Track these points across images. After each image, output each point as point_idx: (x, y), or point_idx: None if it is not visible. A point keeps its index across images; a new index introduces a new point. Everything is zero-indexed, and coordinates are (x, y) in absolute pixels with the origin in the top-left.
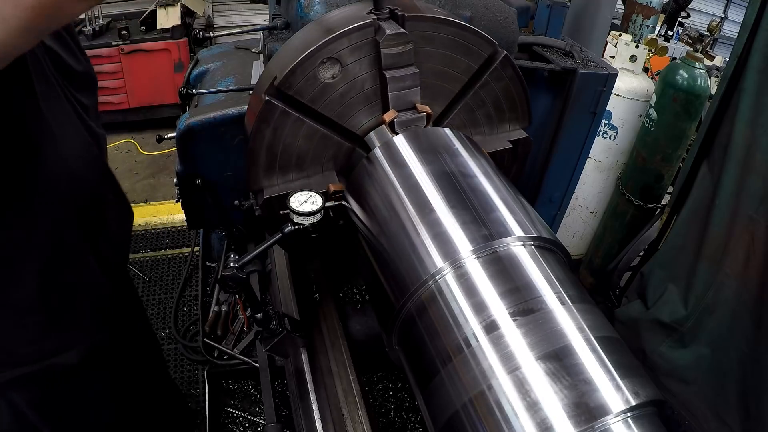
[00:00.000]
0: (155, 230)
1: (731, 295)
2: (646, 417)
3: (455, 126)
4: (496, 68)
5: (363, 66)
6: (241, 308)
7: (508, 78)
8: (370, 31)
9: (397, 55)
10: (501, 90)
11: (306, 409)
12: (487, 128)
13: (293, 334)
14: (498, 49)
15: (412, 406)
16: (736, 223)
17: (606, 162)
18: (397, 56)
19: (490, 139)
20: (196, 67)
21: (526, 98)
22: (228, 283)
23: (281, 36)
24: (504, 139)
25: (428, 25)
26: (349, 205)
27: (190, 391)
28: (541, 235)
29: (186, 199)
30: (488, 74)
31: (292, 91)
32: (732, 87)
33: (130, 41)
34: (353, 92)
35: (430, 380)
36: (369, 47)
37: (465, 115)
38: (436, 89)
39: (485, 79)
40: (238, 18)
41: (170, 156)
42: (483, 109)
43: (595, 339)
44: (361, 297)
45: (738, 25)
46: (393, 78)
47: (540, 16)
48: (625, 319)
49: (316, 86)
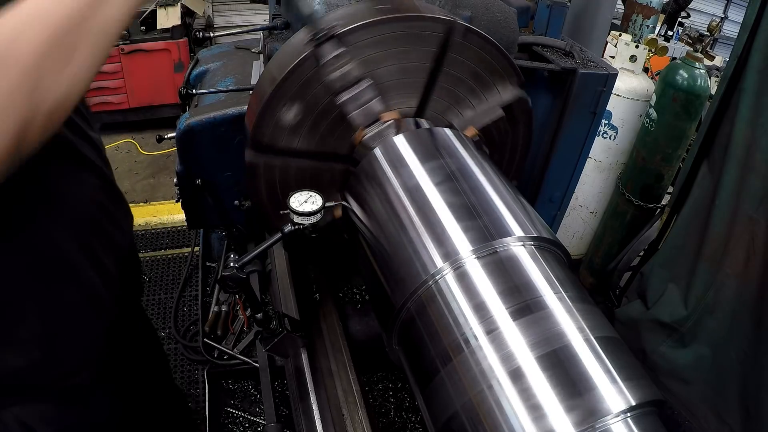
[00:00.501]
0: (155, 230)
1: (731, 295)
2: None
3: (440, 110)
4: (456, 42)
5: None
6: (241, 308)
7: (475, 45)
8: (311, 64)
9: (344, 76)
10: (472, 59)
11: (306, 409)
12: (475, 101)
13: (293, 334)
14: (452, 23)
15: (412, 406)
16: (736, 223)
17: (606, 162)
18: (344, 76)
19: (481, 111)
20: (196, 67)
21: (503, 55)
22: (228, 283)
23: (281, 36)
24: (496, 106)
25: (368, 32)
26: (349, 205)
27: (190, 391)
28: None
29: (186, 199)
30: (450, 51)
31: (266, 140)
32: (732, 87)
33: (130, 41)
34: (323, 122)
35: (430, 380)
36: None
37: (446, 97)
38: (404, 86)
39: (449, 57)
40: (238, 18)
41: (170, 156)
42: (462, 84)
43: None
44: (361, 297)
45: (738, 25)
46: (346, 100)
47: (540, 16)
48: (625, 319)
49: (285, 129)
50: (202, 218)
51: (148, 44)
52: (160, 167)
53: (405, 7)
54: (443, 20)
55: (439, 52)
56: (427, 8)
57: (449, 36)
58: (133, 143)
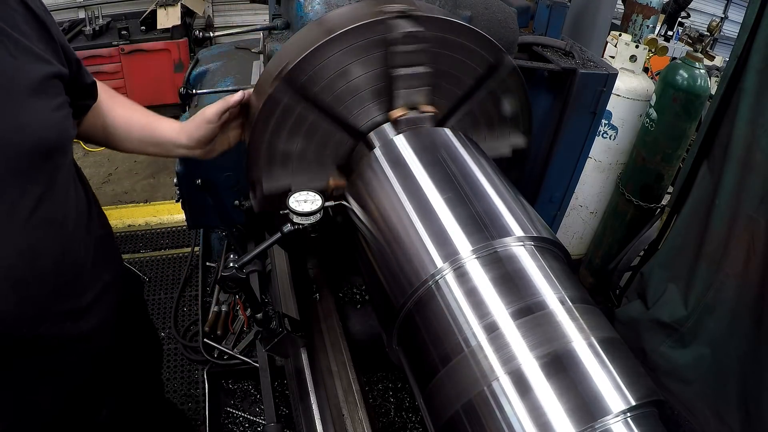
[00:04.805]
0: (155, 230)
1: (731, 294)
2: (646, 417)
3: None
4: (501, 75)
5: (371, 63)
6: (241, 308)
7: (513, 87)
8: (382, 28)
9: (409, 54)
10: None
11: (306, 409)
12: (488, 133)
13: (293, 334)
14: (505, 56)
15: (412, 406)
16: (736, 222)
17: (606, 162)
18: (409, 55)
19: (489, 144)
20: (196, 67)
21: (529, 110)
22: (228, 283)
23: (281, 36)
24: (505, 145)
25: (442, 27)
26: (349, 205)
27: (190, 391)
28: (541, 235)
29: (186, 199)
30: (493, 80)
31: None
32: (732, 87)
33: (130, 41)
34: (359, 89)
35: (430, 380)
36: (378, 44)
37: (467, 118)
38: (442, 90)
39: (490, 85)
40: (238, 18)
41: None
42: (485, 114)
43: (595, 339)
44: (361, 297)
45: (738, 25)
46: (401, 76)
47: (540, 16)
48: (625, 319)
49: (325, 78)
50: (202, 218)
51: (148, 44)
52: (160, 167)
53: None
54: (500, 49)
55: (484, 75)
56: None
57: (499, 64)
58: None
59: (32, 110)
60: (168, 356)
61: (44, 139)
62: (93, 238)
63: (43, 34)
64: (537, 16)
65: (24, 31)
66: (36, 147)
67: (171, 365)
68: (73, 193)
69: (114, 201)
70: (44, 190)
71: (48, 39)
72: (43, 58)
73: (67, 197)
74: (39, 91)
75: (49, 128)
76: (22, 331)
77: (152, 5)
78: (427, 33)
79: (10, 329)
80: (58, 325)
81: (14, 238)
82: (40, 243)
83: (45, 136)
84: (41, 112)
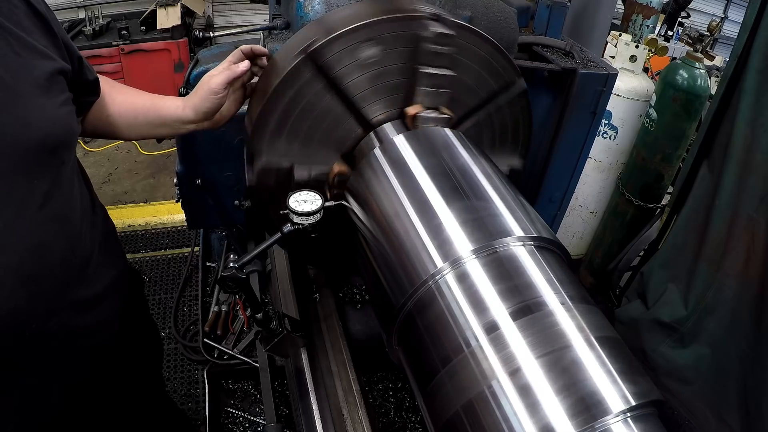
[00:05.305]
0: (155, 230)
1: (731, 294)
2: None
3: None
4: (512, 93)
5: (397, 57)
6: (241, 308)
7: (520, 108)
8: (415, 25)
9: (438, 55)
10: (510, 118)
11: (306, 409)
12: (488, 149)
13: (293, 334)
14: (520, 78)
15: (412, 406)
16: (736, 222)
17: (606, 162)
18: (437, 56)
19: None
20: (196, 67)
21: (530, 134)
22: (228, 283)
23: (281, 36)
24: (503, 164)
25: (469, 37)
26: (349, 205)
27: (190, 391)
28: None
29: (186, 199)
30: (504, 97)
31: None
32: (732, 87)
33: (130, 41)
34: (380, 80)
35: (431, 380)
36: (409, 40)
37: (473, 130)
38: (456, 98)
39: (501, 103)
40: (238, 18)
41: (170, 156)
42: (489, 130)
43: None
44: (361, 297)
45: (738, 25)
46: (426, 74)
47: (540, 16)
48: (625, 319)
49: (349, 63)
50: (202, 218)
51: (148, 44)
52: (160, 167)
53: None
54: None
55: (497, 90)
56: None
57: (512, 84)
58: (133, 143)
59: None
60: (168, 356)
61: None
62: (98, 233)
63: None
64: (537, 16)
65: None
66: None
67: (171, 365)
68: (77, 189)
69: (114, 201)
70: (51, 186)
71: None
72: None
73: (72, 193)
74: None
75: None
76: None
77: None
78: (457, 39)
79: (22, 325)
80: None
81: (23, 235)
82: (49, 238)
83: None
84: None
